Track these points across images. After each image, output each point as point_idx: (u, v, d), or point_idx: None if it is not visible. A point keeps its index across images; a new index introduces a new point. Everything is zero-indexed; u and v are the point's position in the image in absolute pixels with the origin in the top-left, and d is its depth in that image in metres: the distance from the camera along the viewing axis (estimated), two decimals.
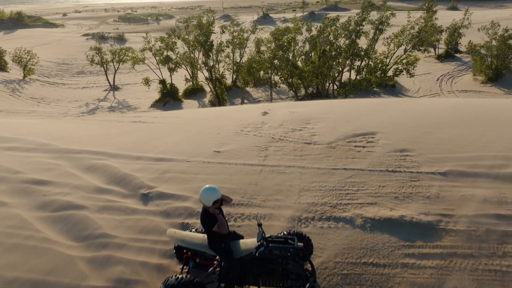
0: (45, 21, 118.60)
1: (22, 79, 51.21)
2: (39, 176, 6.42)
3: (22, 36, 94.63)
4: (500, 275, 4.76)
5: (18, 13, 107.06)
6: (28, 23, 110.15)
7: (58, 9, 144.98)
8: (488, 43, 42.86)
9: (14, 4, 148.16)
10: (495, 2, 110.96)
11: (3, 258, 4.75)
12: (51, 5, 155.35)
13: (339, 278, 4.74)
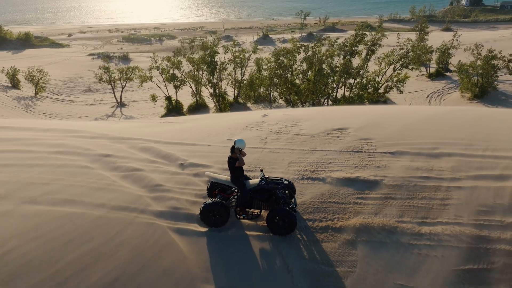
0: (51, 41, 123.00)
1: (34, 96, 54.49)
2: (106, 152, 9.26)
3: (30, 55, 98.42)
4: (416, 208, 7.53)
5: (26, 34, 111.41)
6: (35, 43, 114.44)
7: (64, 29, 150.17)
8: (473, 63, 46.39)
9: (21, 24, 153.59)
10: (487, 23, 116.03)
11: (95, 194, 7.53)
12: (57, 26, 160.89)
13: (312, 209, 7.51)
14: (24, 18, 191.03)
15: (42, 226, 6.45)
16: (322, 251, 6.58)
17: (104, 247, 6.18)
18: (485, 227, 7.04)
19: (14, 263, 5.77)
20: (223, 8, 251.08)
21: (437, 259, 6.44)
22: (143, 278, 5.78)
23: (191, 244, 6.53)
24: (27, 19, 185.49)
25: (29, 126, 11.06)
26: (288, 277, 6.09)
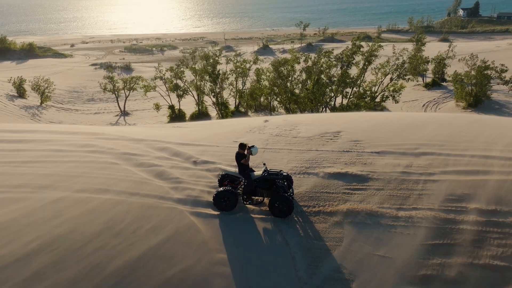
0: (54, 51, 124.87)
1: (39, 105, 56.14)
2: (128, 151, 10.72)
3: (34, 66, 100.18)
4: (395, 197, 8.95)
5: (30, 44, 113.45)
6: (38, 53, 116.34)
7: (66, 40, 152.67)
8: (467, 73, 48.09)
9: (24, 35, 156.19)
10: (484, 34, 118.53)
11: (126, 185, 8.98)
12: (60, 36, 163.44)
13: (307, 197, 8.94)
14: (27, 28, 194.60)
15: (93, 209, 7.91)
16: (315, 229, 8.00)
17: (139, 225, 7.62)
18: (452, 211, 8.46)
19: (80, 237, 7.21)
20: (224, 18, 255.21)
21: (409, 236, 7.85)
22: (169, 247, 7.19)
23: (206, 224, 7.96)
24: (30, 29, 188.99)
25: (59, 130, 12.55)
26: (287, 249, 7.50)
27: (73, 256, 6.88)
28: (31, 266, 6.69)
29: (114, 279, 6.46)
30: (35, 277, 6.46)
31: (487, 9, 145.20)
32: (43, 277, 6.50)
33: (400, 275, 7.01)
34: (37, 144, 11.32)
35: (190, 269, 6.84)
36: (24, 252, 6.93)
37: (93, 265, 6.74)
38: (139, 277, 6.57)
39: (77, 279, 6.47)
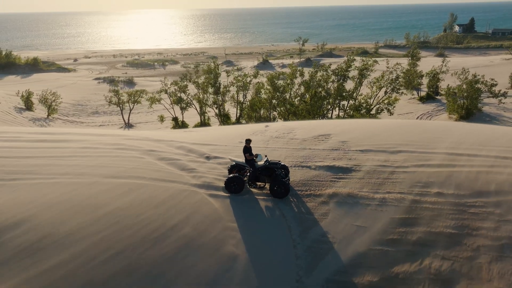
0: (58, 66, 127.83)
1: (46, 117, 58.48)
2: (151, 148, 12.91)
3: (38, 80, 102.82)
4: (373, 184, 11.06)
5: (34, 59, 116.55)
6: (43, 68, 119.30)
7: (70, 55, 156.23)
8: (460, 87, 50.62)
9: (28, 50, 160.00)
10: (479, 50, 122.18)
11: (152, 173, 11.12)
12: (63, 51, 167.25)
13: (301, 184, 11.07)
14: (31, 43, 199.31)
15: (128, 191, 10.04)
16: (306, 207, 10.09)
17: (168, 201, 9.74)
18: (418, 194, 10.56)
19: (119, 213, 9.33)
20: (226, 33, 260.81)
21: (382, 212, 9.94)
22: (192, 217, 9.28)
23: (219, 202, 10.06)
24: (34, 44, 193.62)
25: (88, 133, 14.72)
26: (284, 220, 9.58)
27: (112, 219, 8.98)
28: (77, 224, 8.78)
29: (153, 235, 8.55)
30: (76, 233, 8.54)
31: (482, 25, 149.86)
32: (81, 234, 8.56)
33: (372, 239, 9.07)
34: (74, 143, 13.49)
35: (209, 232, 8.91)
36: (76, 217, 9.02)
37: (129, 225, 8.83)
38: (172, 236, 8.66)
39: (119, 236, 8.53)
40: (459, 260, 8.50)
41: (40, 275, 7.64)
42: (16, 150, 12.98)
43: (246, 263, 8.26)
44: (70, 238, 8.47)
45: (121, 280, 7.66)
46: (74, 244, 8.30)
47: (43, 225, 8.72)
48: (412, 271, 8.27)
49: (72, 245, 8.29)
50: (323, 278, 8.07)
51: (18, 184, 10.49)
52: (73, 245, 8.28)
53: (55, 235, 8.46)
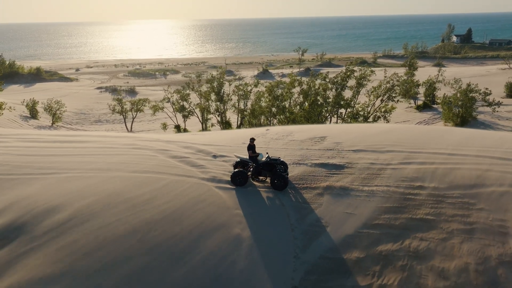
0: (60, 75, 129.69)
1: (51, 125, 60.03)
2: (163, 148, 14.31)
3: (41, 89, 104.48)
4: (362, 178, 12.47)
5: (37, 69, 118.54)
6: (45, 77, 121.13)
7: (71, 64, 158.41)
8: (454, 95, 52.24)
9: (31, 60, 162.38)
10: (476, 60, 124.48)
11: (166, 169, 12.54)
12: (65, 61, 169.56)
13: (298, 179, 12.47)
14: (34, 53, 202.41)
15: (147, 183, 11.45)
16: (303, 197, 11.49)
17: (180, 192, 11.13)
18: (402, 187, 11.96)
19: (139, 199, 10.72)
20: (227, 43, 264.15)
21: (370, 201, 11.33)
22: (202, 204, 10.67)
23: (226, 193, 11.46)
24: (37, 54, 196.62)
25: (103, 135, 16.17)
26: (283, 208, 10.97)
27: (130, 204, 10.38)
28: (102, 205, 10.18)
29: (170, 217, 9.93)
30: (101, 214, 9.91)
31: (479, 35, 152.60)
32: (106, 216, 9.93)
33: (360, 223, 10.45)
34: (92, 143, 14.94)
35: (218, 217, 10.29)
36: (92, 204, 10.42)
37: (145, 208, 10.22)
38: (187, 219, 10.04)
39: (140, 217, 9.91)
40: (435, 241, 9.87)
41: (69, 245, 9.00)
42: (40, 149, 14.43)
43: (251, 242, 9.63)
44: (95, 218, 9.85)
45: (138, 259, 9.03)
46: (99, 223, 9.68)
47: (73, 209, 10.12)
48: (393, 249, 9.63)
49: (97, 224, 9.67)
50: (317, 255, 9.43)
51: (47, 178, 11.91)
52: (98, 224, 9.66)
53: (83, 216, 9.85)
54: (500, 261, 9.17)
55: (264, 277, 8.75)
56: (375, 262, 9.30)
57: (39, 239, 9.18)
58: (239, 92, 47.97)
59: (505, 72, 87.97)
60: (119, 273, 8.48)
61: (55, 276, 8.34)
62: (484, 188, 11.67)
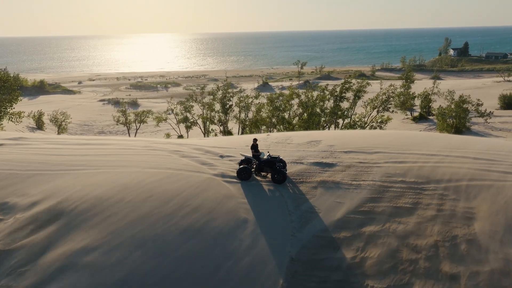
0: (63, 88, 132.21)
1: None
2: (176, 149, 16.31)
3: (45, 101, 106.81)
4: (351, 175, 14.38)
5: (41, 81, 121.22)
6: (49, 90, 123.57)
7: (74, 77, 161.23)
8: (449, 107, 54.42)
9: (34, 73, 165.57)
10: (473, 72, 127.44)
11: (180, 166, 14.46)
12: (68, 74, 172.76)
13: (296, 175, 14.39)
14: (37, 66, 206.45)
15: (165, 176, 13.36)
16: (299, 190, 13.38)
17: (193, 184, 13.03)
18: (386, 181, 13.86)
19: (159, 189, 12.61)
20: (227, 57, 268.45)
21: (357, 193, 13.21)
22: (212, 194, 12.56)
23: (233, 186, 13.36)
24: (40, 67, 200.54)
25: (122, 139, 18.11)
26: (282, 199, 12.85)
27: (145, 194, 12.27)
28: (121, 195, 12.06)
29: (186, 203, 11.81)
30: (127, 201, 11.79)
31: (476, 49, 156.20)
32: (131, 203, 11.81)
33: (348, 210, 12.32)
34: (111, 146, 16.91)
35: (226, 205, 12.18)
36: (118, 192, 12.31)
37: (160, 196, 12.10)
38: (200, 206, 11.92)
39: (162, 202, 11.78)
40: (411, 224, 11.73)
41: (101, 223, 10.86)
42: (67, 150, 16.40)
43: (254, 223, 11.50)
44: (124, 203, 11.75)
45: (161, 234, 10.89)
46: (126, 208, 11.57)
47: (103, 197, 12.02)
48: (375, 230, 11.48)
49: (124, 208, 11.56)
50: (310, 234, 11.28)
51: (78, 173, 13.85)
52: (127, 206, 11.55)
53: (112, 201, 11.75)
54: (464, 239, 11.02)
55: (267, 250, 10.59)
56: (360, 240, 11.14)
57: (76, 219, 11.05)
58: (240, 103, 50.20)
59: (500, 84, 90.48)
60: (145, 246, 10.33)
61: (91, 247, 10.19)
62: (456, 182, 13.58)
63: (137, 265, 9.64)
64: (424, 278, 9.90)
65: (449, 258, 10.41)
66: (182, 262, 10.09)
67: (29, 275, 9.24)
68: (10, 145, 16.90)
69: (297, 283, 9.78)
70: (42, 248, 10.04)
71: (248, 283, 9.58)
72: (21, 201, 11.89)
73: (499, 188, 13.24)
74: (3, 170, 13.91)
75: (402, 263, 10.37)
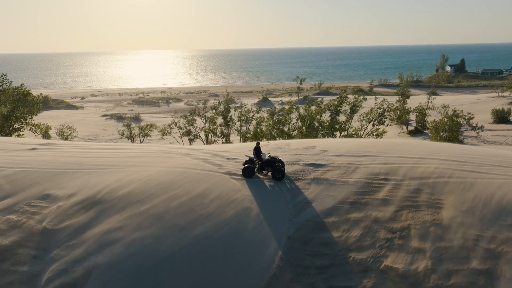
0: (67, 103, 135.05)
1: None
2: (189, 153, 18.75)
3: (49, 116, 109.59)
4: (340, 173, 16.80)
5: (45, 97, 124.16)
6: (52, 105, 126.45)
7: (77, 93, 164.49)
8: (442, 120, 57.13)
9: (37, 88, 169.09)
10: (469, 88, 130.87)
11: (193, 165, 16.88)
12: (70, 89, 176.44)
13: (293, 173, 16.82)
14: (40, 82, 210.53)
15: (181, 173, 15.76)
16: (296, 185, 15.78)
17: (206, 181, 15.44)
18: (370, 179, 16.26)
19: (180, 182, 15.01)
20: (229, 73, 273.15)
21: (346, 188, 15.60)
22: (221, 188, 14.95)
23: (239, 182, 15.76)
24: (43, 83, 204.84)
25: (136, 145, 20.53)
26: (280, 192, 15.23)
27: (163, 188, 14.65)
28: (146, 189, 14.44)
29: (199, 195, 14.18)
30: (151, 192, 14.14)
31: (472, 65, 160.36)
32: (156, 195, 14.17)
33: (336, 201, 14.68)
34: (130, 150, 19.39)
35: (233, 195, 14.56)
36: (141, 184, 14.69)
37: (175, 191, 14.47)
38: (211, 197, 14.30)
39: (180, 193, 14.13)
40: (389, 212, 14.08)
41: (130, 211, 13.21)
42: (91, 153, 18.87)
43: (257, 211, 13.86)
44: (145, 194, 14.14)
45: (181, 216, 13.24)
46: (149, 196, 13.95)
47: (128, 189, 14.40)
48: (359, 216, 13.83)
49: (147, 197, 13.94)
50: (304, 219, 13.63)
51: (104, 171, 16.27)
52: (148, 197, 13.93)
53: (139, 194, 14.13)
54: (433, 223, 13.36)
55: (268, 231, 12.93)
56: (345, 224, 13.49)
57: (108, 206, 13.43)
58: (241, 118, 52.93)
59: (494, 100, 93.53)
60: (166, 226, 12.67)
61: (122, 226, 12.53)
62: (429, 179, 15.98)
63: (162, 240, 11.97)
64: (397, 252, 12.22)
65: (418, 237, 12.74)
66: (198, 240, 12.42)
67: (77, 247, 11.55)
68: (42, 149, 19.38)
69: (293, 255, 12.10)
70: (83, 227, 12.37)
71: (253, 256, 11.89)
72: (61, 193, 14.26)
73: (468, 184, 15.65)
74: (41, 169, 16.32)
75: (380, 241, 12.70)
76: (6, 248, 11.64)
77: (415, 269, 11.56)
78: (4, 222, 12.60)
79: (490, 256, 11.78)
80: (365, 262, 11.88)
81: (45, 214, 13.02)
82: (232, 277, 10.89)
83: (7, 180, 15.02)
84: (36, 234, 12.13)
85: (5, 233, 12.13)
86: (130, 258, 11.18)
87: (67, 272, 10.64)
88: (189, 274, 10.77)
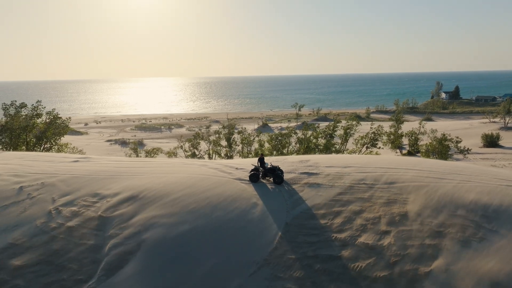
0: (71, 129, 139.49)
1: None
2: (204, 163, 22.95)
3: None
4: (330, 179, 21.02)
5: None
6: None
7: (80, 119, 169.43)
8: (431, 143, 61.65)
9: None
10: (463, 114, 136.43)
11: (208, 172, 21.10)
12: (74, 116, 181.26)
13: (290, 180, 21.04)
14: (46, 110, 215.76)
15: (200, 179, 19.98)
16: (292, 188, 19.96)
17: (220, 184, 19.63)
18: (353, 183, 20.44)
19: (201, 183, 19.19)
20: (231, 100, 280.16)
21: (332, 190, 19.76)
22: (232, 190, 19.11)
23: (246, 185, 19.95)
24: (46, 110, 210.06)
25: (158, 160, 24.68)
26: (280, 193, 19.40)
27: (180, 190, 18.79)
28: (168, 190, 18.58)
29: (215, 195, 18.32)
30: (177, 191, 18.27)
31: (466, 92, 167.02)
32: (181, 192, 18.30)
33: (324, 199, 18.82)
34: (155, 163, 23.67)
35: (242, 194, 18.71)
36: (169, 185, 18.83)
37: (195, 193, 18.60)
38: (224, 196, 18.45)
39: (199, 191, 18.27)
40: (365, 206, 18.20)
41: (164, 204, 17.31)
42: (123, 164, 23.14)
43: (262, 206, 17.97)
44: (174, 192, 18.29)
45: (203, 206, 17.34)
46: (177, 194, 18.09)
47: (160, 189, 18.57)
48: (341, 209, 17.94)
49: (175, 194, 18.07)
50: (299, 211, 17.74)
51: (138, 177, 20.47)
52: (176, 194, 18.07)
53: (170, 192, 18.29)
54: (398, 214, 17.46)
55: (270, 220, 17.01)
56: (331, 215, 17.58)
57: (146, 202, 17.59)
58: (243, 141, 57.44)
59: (486, 125, 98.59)
60: (192, 216, 16.75)
61: (160, 215, 16.63)
62: (401, 183, 20.17)
63: (190, 221, 16.06)
64: (368, 233, 16.29)
65: (386, 223, 16.84)
66: (217, 226, 16.50)
67: (127, 228, 15.60)
68: (83, 162, 23.63)
69: (290, 235, 16.15)
70: (131, 215, 16.45)
71: (260, 234, 15.96)
72: (108, 192, 18.40)
73: (432, 186, 19.82)
74: (87, 175, 20.51)
75: (356, 226, 16.78)
76: (73, 228, 15.66)
77: (381, 243, 15.60)
78: (68, 212, 16.66)
79: (438, 236, 15.85)
80: (344, 240, 15.93)
81: (98, 207, 17.12)
82: (245, 246, 14.93)
83: (63, 183, 19.20)
84: (94, 219, 16.16)
85: (71, 219, 16.17)
86: (167, 234, 15.22)
87: (123, 245, 14.60)
88: (212, 243, 14.82)
